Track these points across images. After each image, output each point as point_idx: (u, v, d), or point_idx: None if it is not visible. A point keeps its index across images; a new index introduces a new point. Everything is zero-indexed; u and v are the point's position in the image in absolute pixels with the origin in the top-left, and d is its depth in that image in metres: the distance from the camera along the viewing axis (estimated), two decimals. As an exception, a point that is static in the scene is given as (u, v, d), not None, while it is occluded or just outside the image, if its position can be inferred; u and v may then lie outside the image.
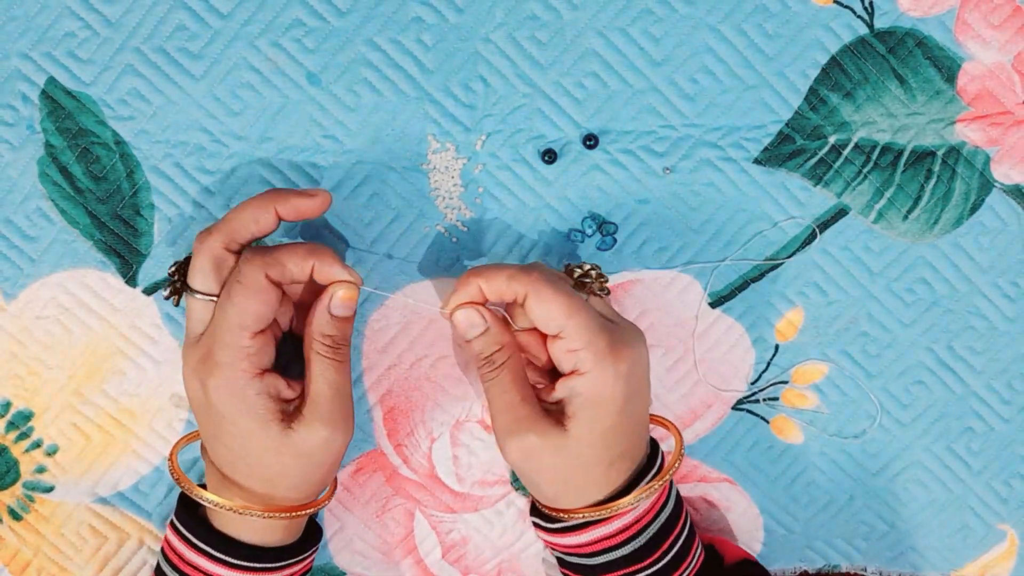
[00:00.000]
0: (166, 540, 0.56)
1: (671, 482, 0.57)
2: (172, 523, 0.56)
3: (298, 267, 0.51)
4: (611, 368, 0.51)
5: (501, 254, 0.60)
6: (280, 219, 0.53)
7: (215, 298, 0.52)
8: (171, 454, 0.57)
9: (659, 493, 0.55)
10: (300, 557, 0.56)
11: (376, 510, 0.63)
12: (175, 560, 0.55)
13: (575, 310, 0.51)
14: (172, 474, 0.56)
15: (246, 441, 0.52)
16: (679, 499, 0.57)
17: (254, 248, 0.52)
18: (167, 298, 0.55)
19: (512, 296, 0.52)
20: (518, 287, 0.52)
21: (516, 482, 0.63)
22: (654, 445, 0.57)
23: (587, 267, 0.56)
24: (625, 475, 0.54)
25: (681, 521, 0.56)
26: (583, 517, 0.53)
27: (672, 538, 0.55)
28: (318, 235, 0.59)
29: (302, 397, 0.53)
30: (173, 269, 0.54)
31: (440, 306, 0.54)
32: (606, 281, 0.56)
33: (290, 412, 0.53)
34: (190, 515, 0.55)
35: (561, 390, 0.53)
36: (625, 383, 0.52)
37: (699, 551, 0.57)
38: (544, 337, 0.55)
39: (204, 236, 0.52)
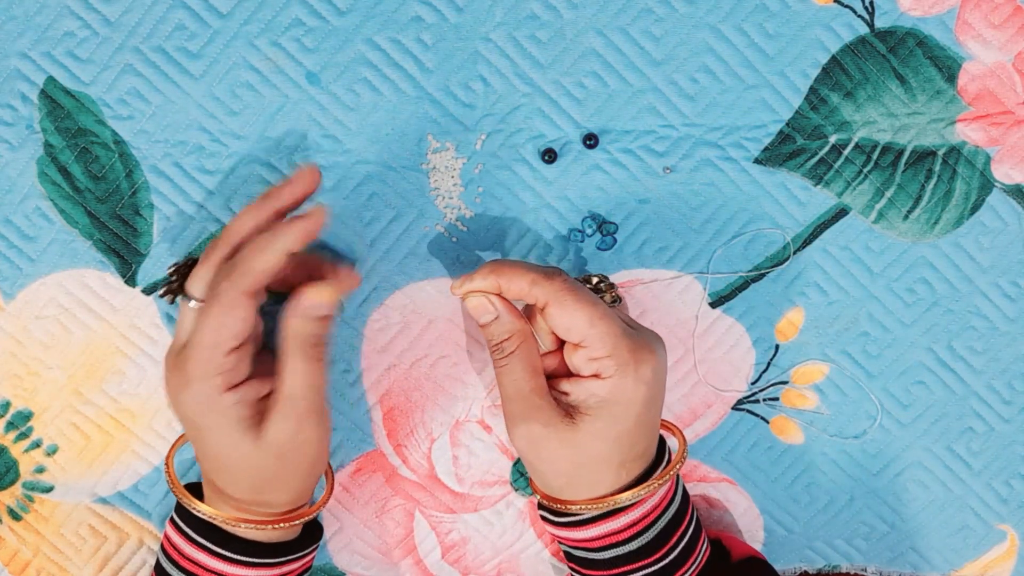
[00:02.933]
0: (166, 536, 0.56)
1: (678, 477, 0.56)
2: (172, 519, 0.56)
3: (262, 258, 0.49)
4: (632, 375, 0.51)
5: (501, 254, 0.60)
6: (282, 215, 0.52)
7: None
8: (167, 460, 0.57)
9: (667, 488, 0.55)
10: (300, 554, 0.56)
11: (376, 510, 0.63)
12: (175, 555, 0.55)
13: (597, 318, 0.51)
14: (168, 482, 0.56)
15: (225, 451, 0.51)
16: (686, 494, 0.57)
17: (231, 261, 0.51)
18: (162, 296, 0.55)
19: (532, 301, 0.52)
20: (540, 294, 0.52)
21: (516, 483, 0.63)
22: (660, 441, 0.57)
23: (595, 280, 0.56)
24: (635, 474, 0.54)
25: (688, 516, 0.56)
26: (584, 509, 0.53)
27: (679, 533, 0.55)
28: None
29: (273, 394, 0.52)
30: (172, 270, 0.54)
31: (453, 286, 0.54)
32: (616, 291, 0.56)
33: (263, 412, 0.52)
34: (191, 511, 0.55)
35: (578, 391, 0.53)
36: (647, 388, 0.52)
37: (705, 546, 0.57)
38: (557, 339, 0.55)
39: (211, 246, 0.52)
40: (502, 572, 0.64)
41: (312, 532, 0.58)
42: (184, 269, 0.54)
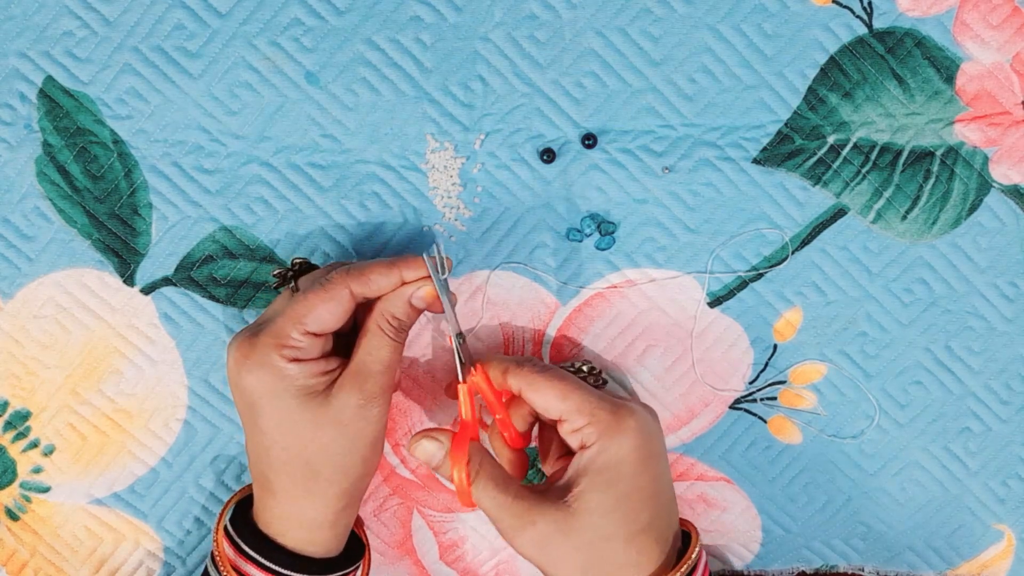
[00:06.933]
0: (217, 547, 0.56)
1: None
2: (225, 528, 0.56)
3: (384, 278, 0.52)
4: (616, 437, 0.51)
5: (500, 254, 0.60)
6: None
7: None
8: (221, 511, 0.57)
9: None
10: (343, 572, 0.56)
11: (373, 509, 0.63)
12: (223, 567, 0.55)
13: (569, 391, 0.52)
14: (215, 547, 0.55)
15: (286, 422, 0.52)
16: None
17: (351, 264, 0.53)
18: (274, 275, 0.55)
19: (508, 388, 0.54)
20: (513, 382, 0.53)
21: (514, 482, 0.63)
22: (687, 537, 0.55)
23: (580, 365, 0.57)
24: (647, 552, 0.52)
25: None
26: None
27: None
28: (317, 235, 0.59)
29: (344, 365, 0.53)
30: (299, 261, 0.56)
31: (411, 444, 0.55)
32: (601, 376, 0.58)
33: (331, 383, 0.53)
34: (243, 520, 0.56)
35: (571, 468, 0.52)
36: (633, 450, 0.51)
37: None
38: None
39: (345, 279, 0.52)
40: (500, 572, 0.64)
41: (353, 549, 0.58)
42: (306, 267, 0.56)
